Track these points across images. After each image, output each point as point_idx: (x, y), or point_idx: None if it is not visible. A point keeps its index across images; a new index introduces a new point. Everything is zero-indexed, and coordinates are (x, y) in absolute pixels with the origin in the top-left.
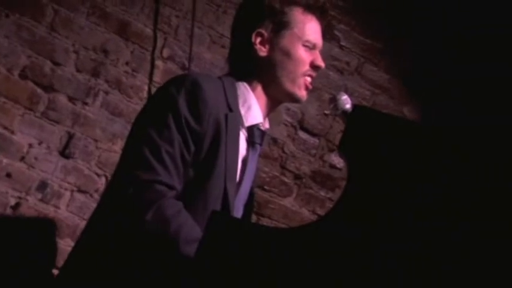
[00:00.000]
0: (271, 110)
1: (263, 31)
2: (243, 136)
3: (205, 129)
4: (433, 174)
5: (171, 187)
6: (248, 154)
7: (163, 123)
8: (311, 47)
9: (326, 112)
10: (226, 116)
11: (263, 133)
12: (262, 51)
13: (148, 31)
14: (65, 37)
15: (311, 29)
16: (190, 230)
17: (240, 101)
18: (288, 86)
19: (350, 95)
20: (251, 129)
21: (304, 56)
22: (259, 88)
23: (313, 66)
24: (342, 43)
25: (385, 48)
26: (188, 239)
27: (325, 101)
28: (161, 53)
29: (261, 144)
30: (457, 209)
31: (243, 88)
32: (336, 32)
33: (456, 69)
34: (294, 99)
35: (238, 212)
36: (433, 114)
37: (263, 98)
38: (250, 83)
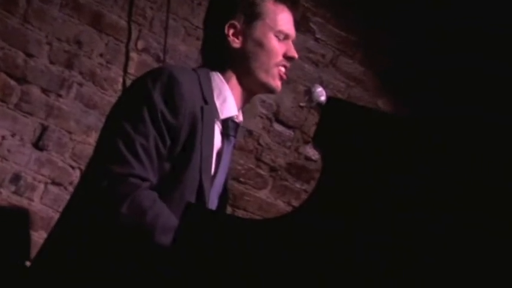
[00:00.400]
0: (245, 101)
1: (236, 23)
2: (217, 128)
3: (181, 122)
4: (407, 166)
5: (145, 179)
6: (223, 146)
7: (139, 116)
8: (283, 38)
9: (301, 104)
10: (202, 109)
11: (237, 125)
12: (236, 42)
13: (123, 23)
14: (38, 28)
15: (283, 19)
16: (167, 219)
17: (215, 93)
18: (262, 76)
19: (325, 87)
20: (226, 122)
21: (277, 46)
22: (233, 79)
23: (287, 57)
24: (317, 35)
25: (360, 41)
26: (166, 227)
27: (300, 93)
28: (136, 45)
29: (235, 137)
30: (433, 201)
31: (218, 80)
32: (311, 25)
33: (434, 60)
34: (269, 89)
35: (213, 204)
36: (409, 105)
37: (238, 90)
38: (224, 75)
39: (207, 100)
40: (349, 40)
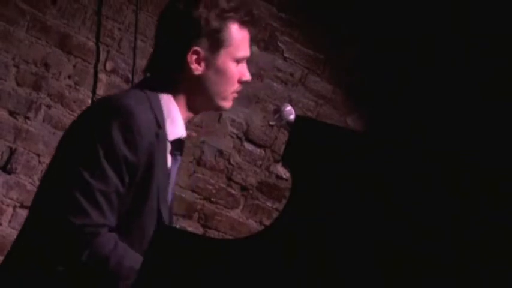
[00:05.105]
0: (192, 118)
1: (199, 49)
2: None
3: (140, 158)
4: (377, 184)
5: (104, 226)
6: (171, 166)
7: (96, 159)
8: (241, 61)
9: (271, 123)
10: (157, 135)
11: (183, 143)
12: (198, 69)
13: (91, 44)
14: (5, 51)
15: (244, 44)
16: (131, 259)
17: (165, 114)
18: (219, 101)
19: (294, 106)
20: (173, 142)
21: (236, 74)
22: (183, 100)
23: (241, 82)
24: (286, 54)
25: (328, 59)
26: (132, 267)
27: (270, 112)
28: (104, 66)
29: (181, 155)
30: (402, 215)
31: (167, 100)
32: (279, 44)
33: (403, 75)
34: (222, 110)
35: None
36: (378, 122)
37: (186, 109)
38: (174, 96)
39: (160, 124)
40: (317, 58)
